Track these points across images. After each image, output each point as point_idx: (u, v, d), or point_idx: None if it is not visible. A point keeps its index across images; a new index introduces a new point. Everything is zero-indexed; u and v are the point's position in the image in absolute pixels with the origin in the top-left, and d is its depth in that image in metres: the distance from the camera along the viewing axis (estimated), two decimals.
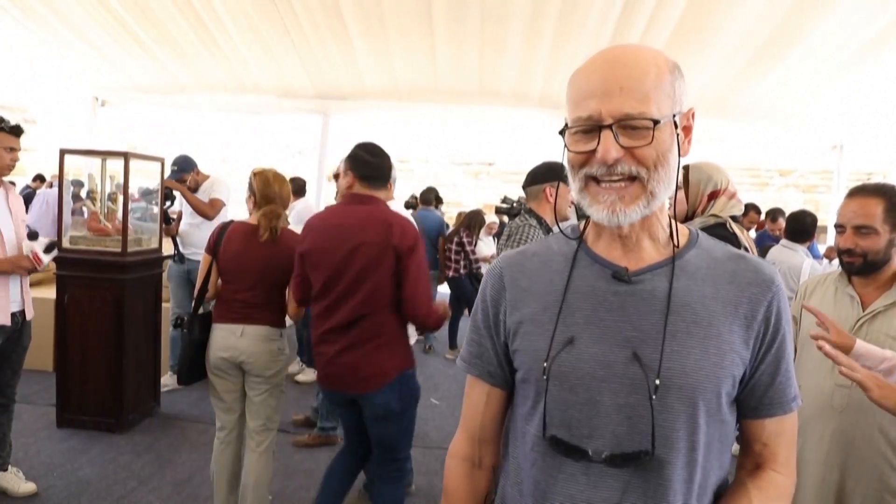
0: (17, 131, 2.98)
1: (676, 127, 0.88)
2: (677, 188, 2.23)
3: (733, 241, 2.08)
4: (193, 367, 2.76)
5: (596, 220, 0.90)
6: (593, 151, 0.86)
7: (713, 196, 2.19)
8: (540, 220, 2.68)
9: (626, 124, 0.84)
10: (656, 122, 0.84)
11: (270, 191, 2.80)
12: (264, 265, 2.73)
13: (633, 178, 0.86)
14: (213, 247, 2.79)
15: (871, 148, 8.10)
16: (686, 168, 2.24)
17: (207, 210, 4.63)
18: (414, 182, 13.50)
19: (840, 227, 1.81)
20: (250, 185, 2.84)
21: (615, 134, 0.84)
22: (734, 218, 2.20)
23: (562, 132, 0.91)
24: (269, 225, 2.74)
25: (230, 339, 2.70)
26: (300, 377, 5.27)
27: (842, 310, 1.81)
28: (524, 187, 2.82)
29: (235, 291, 2.73)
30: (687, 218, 2.23)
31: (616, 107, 0.84)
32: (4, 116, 2.99)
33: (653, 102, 0.84)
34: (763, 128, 7.14)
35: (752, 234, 7.28)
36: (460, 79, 6.19)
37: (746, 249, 2.12)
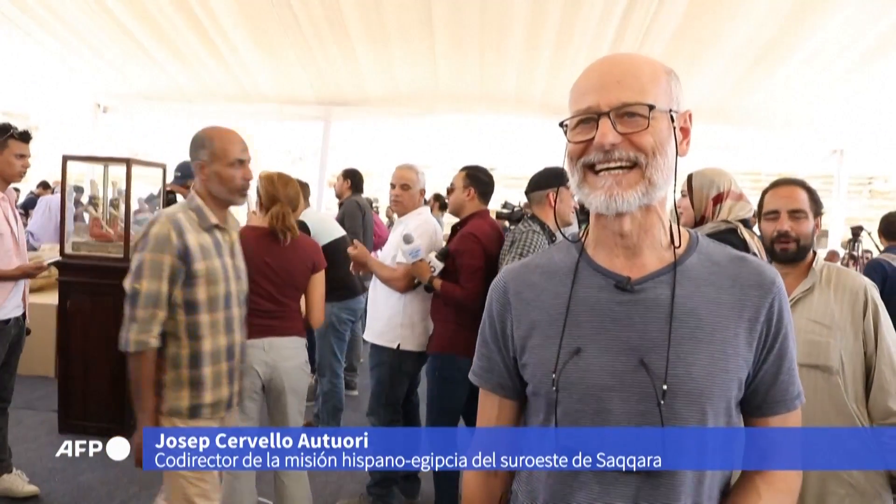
0: (25, 137, 3.00)
1: (673, 122, 0.90)
2: (682, 196, 2.26)
3: (743, 247, 2.08)
4: None
5: (595, 208, 0.91)
6: (592, 140, 0.89)
7: (718, 200, 2.20)
8: (543, 226, 2.69)
9: (623, 112, 0.87)
10: (652, 108, 0.87)
11: (274, 191, 2.66)
12: (284, 272, 2.59)
13: (631, 166, 0.88)
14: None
15: (872, 152, 8.10)
16: (690, 176, 2.25)
17: None
18: None
19: (773, 213, 1.87)
20: (256, 190, 2.72)
21: (613, 122, 0.87)
22: (745, 222, 2.20)
23: (562, 125, 0.94)
24: (282, 226, 2.58)
25: (259, 355, 2.51)
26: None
27: None
28: (527, 193, 2.83)
29: (253, 302, 2.47)
30: (695, 225, 2.24)
31: (613, 97, 0.88)
32: (12, 123, 3.01)
33: (649, 94, 0.88)
34: (764, 133, 7.15)
35: None
36: (461, 84, 6.20)
37: (755, 255, 2.12)
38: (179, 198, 4.68)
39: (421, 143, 9.54)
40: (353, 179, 4.85)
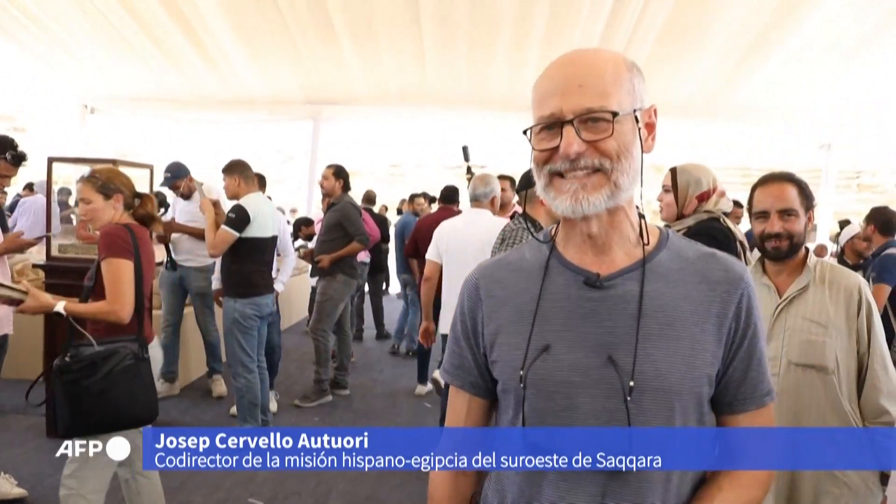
0: (17, 161, 2.96)
1: (638, 122, 0.90)
2: (665, 191, 2.28)
3: (727, 234, 2.13)
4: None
5: (561, 212, 0.90)
6: (557, 148, 0.88)
7: (702, 198, 2.22)
8: (534, 223, 2.69)
9: (586, 118, 0.86)
10: (615, 115, 0.86)
11: (128, 181, 2.45)
12: (153, 265, 2.53)
13: (596, 170, 0.88)
14: (135, 252, 2.34)
15: (859, 146, 8.17)
16: (673, 171, 2.26)
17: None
18: (405, 186, 13.52)
19: (763, 214, 1.84)
20: (106, 186, 2.38)
21: (577, 129, 0.86)
22: (725, 213, 2.23)
23: (526, 132, 0.93)
24: (153, 215, 2.48)
25: (160, 355, 2.50)
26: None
27: (760, 300, 1.85)
28: (518, 191, 2.83)
29: (148, 301, 2.46)
30: (677, 218, 2.26)
31: (576, 102, 0.87)
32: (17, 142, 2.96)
33: (612, 97, 0.87)
34: (752, 128, 7.20)
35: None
36: (450, 83, 6.21)
37: (741, 243, 2.16)
38: (169, 198, 4.64)
39: (412, 142, 9.53)
40: (344, 178, 4.84)
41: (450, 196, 5.02)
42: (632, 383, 0.87)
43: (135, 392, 2.27)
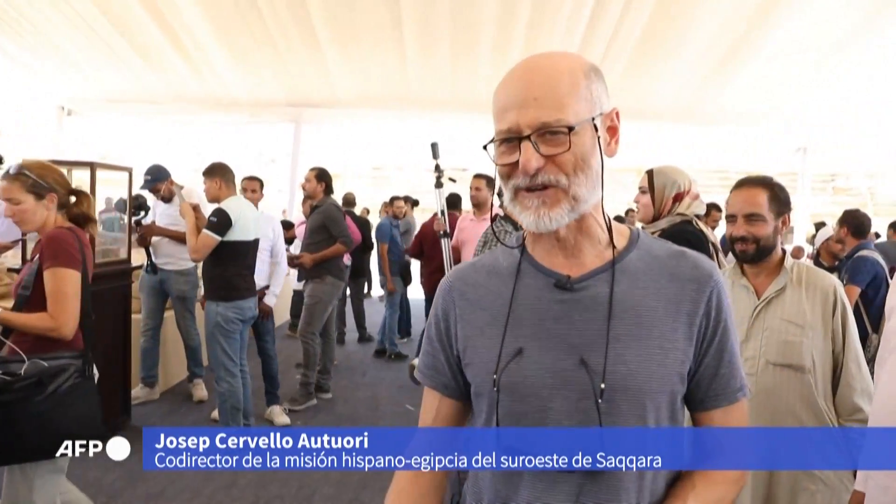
0: None
1: (597, 129, 0.90)
2: (642, 192, 2.32)
3: (700, 236, 2.18)
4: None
5: (526, 226, 0.91)
6: (517, 163, 0.88)
7: (677, 198, 2.26)
8: (516, 226, 2.72)
9: (544, 132, 0.86)
10: (571, 129, 0.86)
11: (63, 179, 2.22)
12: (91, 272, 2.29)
13: (553, 185, 0.88)
14: (83, 261, 2.14)
15: (834, 150, 8.32)
16: (650, 173, 2.30)
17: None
18: (390, 188, 13.51)
19: (731, 217, 1.90)
20: (38, 184, 2.12)
21: (535, 144, 0.86)
22: (697, 216, 2.28)
23: (485, 147, 0.93)
24: (91, 216, 2.25)
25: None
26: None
27: (739, 301, 1.91)
28: (499, 195, 2.86)
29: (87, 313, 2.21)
30: (653, 220, 2.30)
31: (532, 117, 0.86)
32: None
33: (569, 108, 0.87)
34: (731, 132, 7.30)
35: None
36: (432, 86, 6.22)
37: (713, 245, 2.20)
38: (150, 201, 4.60)
39: (394, 145, 9.52)
40: (326, 181, 4.83)
41: (453, 202, 5.31)
42: (603, 385, 0.88)
43: (79, 414, 2.05)
